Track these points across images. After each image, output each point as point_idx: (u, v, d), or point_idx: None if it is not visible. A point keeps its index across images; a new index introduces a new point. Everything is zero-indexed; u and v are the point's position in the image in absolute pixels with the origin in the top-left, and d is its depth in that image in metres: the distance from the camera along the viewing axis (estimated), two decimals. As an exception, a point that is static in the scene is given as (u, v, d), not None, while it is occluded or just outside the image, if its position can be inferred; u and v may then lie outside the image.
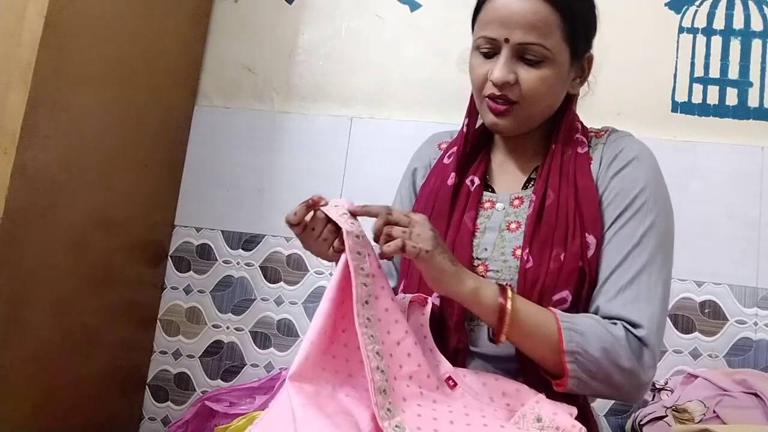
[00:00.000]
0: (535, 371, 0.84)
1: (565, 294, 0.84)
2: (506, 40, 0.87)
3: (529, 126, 0.93)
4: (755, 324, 1.52)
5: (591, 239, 0.86)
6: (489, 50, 0.89)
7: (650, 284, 0.83)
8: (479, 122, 1.00)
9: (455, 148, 0.99)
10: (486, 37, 0.88)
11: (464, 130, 0.99)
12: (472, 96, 0.98)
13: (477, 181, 0.96)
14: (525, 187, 0.96)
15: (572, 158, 0.92)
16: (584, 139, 0.95)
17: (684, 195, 1.55)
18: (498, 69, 0.87)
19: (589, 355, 0.78)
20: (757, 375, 1.36)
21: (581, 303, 0.86)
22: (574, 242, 0.85)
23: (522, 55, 0.87)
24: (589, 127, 0.99)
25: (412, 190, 1.05)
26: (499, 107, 0.89)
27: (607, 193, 0.89)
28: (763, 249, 1.54)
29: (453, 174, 0.96)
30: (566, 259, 0.85)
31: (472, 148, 1.00)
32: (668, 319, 1.54)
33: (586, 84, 0.97)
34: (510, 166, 0.98)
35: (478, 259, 0.90)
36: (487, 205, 0.95)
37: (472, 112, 0.99)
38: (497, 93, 0.88)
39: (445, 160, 1.01)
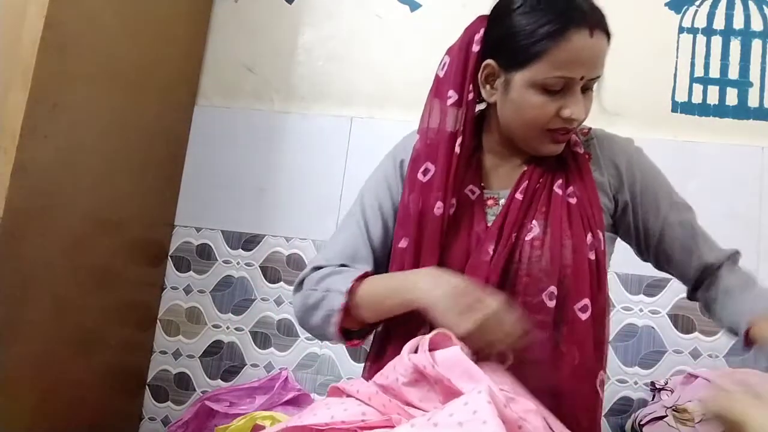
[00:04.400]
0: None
1: (586, 302, 0.88)
2: (581, 78, 0.88)
3: None
4: (755, 324, 1.51)
5: (600, 235, 0.91)
6: (559, 88, 0.88)
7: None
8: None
9: (431, 166, 0.93)
10: (562, 77, 0.87)
11: (457, 150, 0.93)
12: (469, 112, 0.94)
13: (476, 190, 0.96)
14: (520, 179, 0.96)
15: (570, 155, 0.96)
16: (577, 139, 0.98)
17: (684, 195, 1.54)
18: (578, 108, 0.89)
19: None
20: (757, 375, 1.36)
21: (597, 305, 0.89)
22: (585, 231, 0.90)
23: (585, 85, 0.90)
24: None
25: (401, 182, 1.01)
26: (565, 137, 0.93)
27: (633, 188, 0.97)
28: (763, 249, 1.54)
29: (440, 203, 0.92)
30: (577, 239, 0.89)
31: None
32: (668, 318, 1.55)
33: None
34: (504, 168, 0.99)
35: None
36: (490, 202, 0.95)
37: (466, 131, 0.94)
38: (569, 127, 0.91)
39: (420, 177, 0.94)
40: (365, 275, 0.92)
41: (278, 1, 1.90)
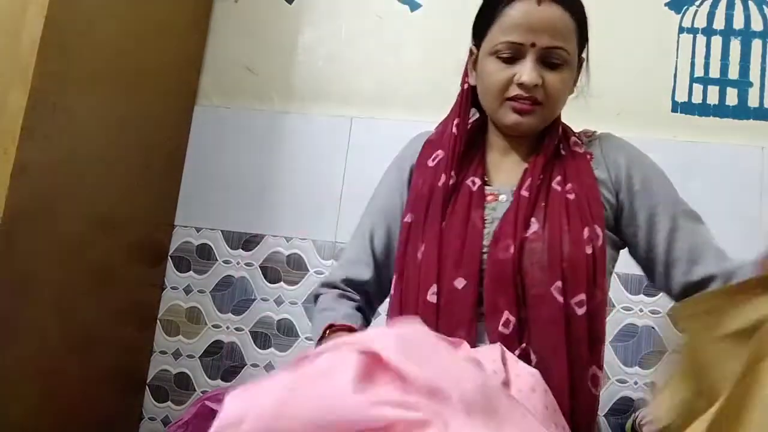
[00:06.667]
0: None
1: (582, 297, 0.88)
2: (533, 45, 0.91)
3: (545, 125, 0.98)
4: (755, 324, 1.51)
5: (599, 231, 0.91)
6: (510, 55, 0.92)
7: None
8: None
9: (440, 152, 1.00)
10: (510, 42, 0.92)
11: (454, 131, 0.99)
12: (463, 97, 1.02)
13: (478, 181, 0.98)
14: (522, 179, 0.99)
15: (569, 154, 0.99)
16: (578, 141, 1.02)
17: (684, 195, 1.54)
18: (528, 72, 0.91)
19: None
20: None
21: (593, 301, 0.89)
22: (582, 225, 0.91)
23: (545, 58, 0.92)
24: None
25: (406, 186, 1.05)
26: (525, 107, 0.93)
27: (632, 189, 0.97)
28: (763, 249, 1.53)
29: (444, 175, 0.97)
30: (574, 234, 0.89)
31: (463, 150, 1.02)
32: (668, 318, 1.55)
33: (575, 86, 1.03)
34: (506, 165, 1.01)
35: (487, 247, 0.93)
36: (490, 198, 0.97)
37: (461, 113, 1.01)
38: (525, 95, 0.92)
39: (430, 163, 1.01)
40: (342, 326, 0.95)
41: (278, 1, 1.90)
